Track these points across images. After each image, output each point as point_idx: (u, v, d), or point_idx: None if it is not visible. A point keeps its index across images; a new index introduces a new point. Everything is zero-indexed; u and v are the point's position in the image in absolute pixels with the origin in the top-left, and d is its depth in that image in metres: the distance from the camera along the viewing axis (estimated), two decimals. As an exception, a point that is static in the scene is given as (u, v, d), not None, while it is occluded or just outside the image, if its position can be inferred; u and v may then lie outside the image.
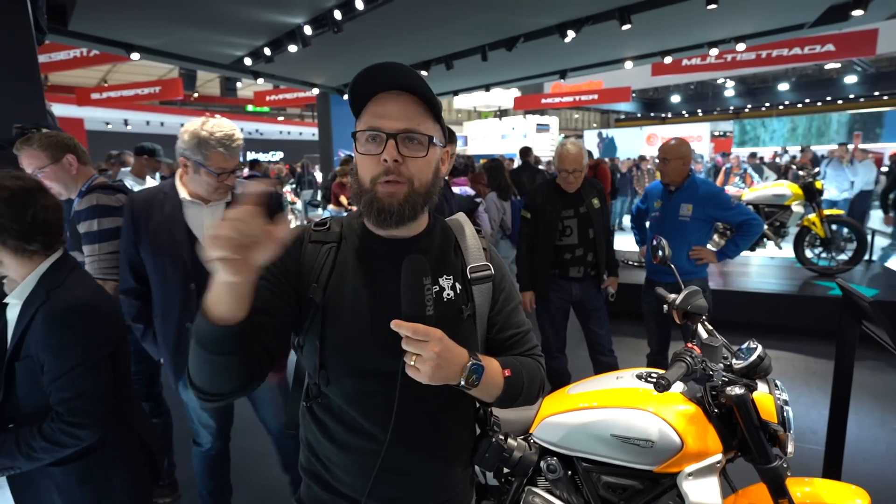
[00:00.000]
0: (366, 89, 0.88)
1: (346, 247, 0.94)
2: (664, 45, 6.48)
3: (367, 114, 0.88)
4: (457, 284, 0.95)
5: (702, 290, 2.83)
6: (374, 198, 0.86)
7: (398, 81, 0.86)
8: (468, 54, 6.49)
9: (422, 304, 0.78)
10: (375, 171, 0.86)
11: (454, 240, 1.00)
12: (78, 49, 7.09)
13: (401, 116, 0.86)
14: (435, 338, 0.78)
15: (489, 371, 0.87)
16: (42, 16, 2.72)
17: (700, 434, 1.38)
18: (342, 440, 0.93)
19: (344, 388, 0.91)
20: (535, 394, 0.99)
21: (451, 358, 0.81)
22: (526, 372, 0.97)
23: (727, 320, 4.39)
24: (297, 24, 5.19)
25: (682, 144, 2.84)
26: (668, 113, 29.94)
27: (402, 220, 0.88)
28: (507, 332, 1.01)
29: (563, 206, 2.85)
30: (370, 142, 0.86)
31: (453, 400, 0.94)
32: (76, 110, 12.27)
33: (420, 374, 0.78)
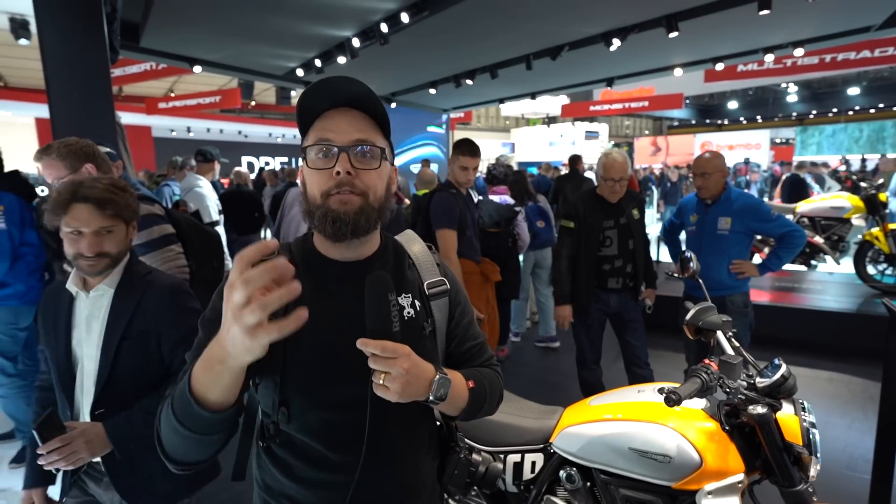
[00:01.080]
0: (314, 106, 0.86)
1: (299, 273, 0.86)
2: (715, 52, 6.27)
3: (316, 129, 0.86)
4: (416, 302, 0.94)
5: (743, 305, 2.80)
6: (327, 210, 0.83)
7: (347, 97, 0.85)
8: (512, 63, 6.51)
9: (388, 320, 0.76)
10: (327, 185, 0.83)
11: (407, 257, 0.99)
12: (148, 63, 7.66)
13: (351, 130, 0.84)
14: (403, 354, 0.76)
15: (455, 384, 0.87)
16: (116, 38, 2.99)
17: (720, 452, 1.37)
18: (307, 477, 0.88)
19: (308, 421, 0.86)
20: (496, 403, 1.01)
21: (419, 374, 0.79)
22: (487, 382, 0.98)
23: (779, 337, 4.23)
24: (346, 36, 5.40)
25: (718, 157, 2.79)
26: (724, 119, 28.70)
27: (357, 231, 0.85)
28: (465, 344, 1.02)
29: (604, 216, 2.82)
30: (320, 156, 0.84)
31: (421, 419, 0.95)
32: (145, 119, 13.18)
33: (389, 393, 0.76)
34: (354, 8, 4.58)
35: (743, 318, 2.83)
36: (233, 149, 19.06)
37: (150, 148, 14.41)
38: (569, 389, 3.62)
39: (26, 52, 8.97)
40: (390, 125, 0.90)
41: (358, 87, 0.83)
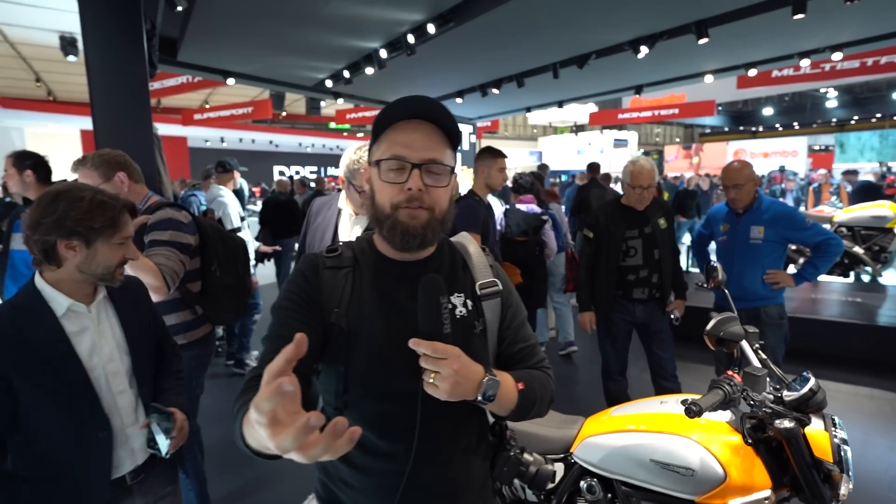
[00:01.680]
0: (391, 117, 0.90)
1: (361, 271, 0.96)
2: (747, 58, 6.12)
3: (388, 141, 0.89)
4: (468, 301, 0.97)
5: (778, 317, 2.71)
6: (396, 222, 0.88)
7: (422, 111, 0.89)
8: (539, 72, 6.50)
9: (439, 322, 0.80)
10: (397, 198, 0.88)
11: (462, 258, 1.02)
12: (184, 76, 7.96)
13: (424, 146, 0.88)
14: (453, 355, 0.79)
15: (504, 385, 0.88)
16: (154, 53, 3.13)
17: (746, 467, 1.33)
18: (362, 464, 0.93)
19: (364, 410, 0.91)
20: (546, 406, 1.01)
21: (468, 374, 0.82)
22: (537, 384, 0.98)
23: (816, 351, 4.08)
24: (373, 48, 5.50)
25: (747, 165, 2.73)
26: (759, 126, 27.90)
27: (425, 243, 0.90)
28: (516, 345, 1.02)
29: (628, 226, 2.80)
30: (393, 170, 0.88)
31: (470, 416, 0.97)
32: (181, 129, 13.68)
33: (439, 392, 0.80)
34: (382, 20, 4.67)
35: (778, 329, 2.75)
36: (264, 158, 19.57)
37: (185, 157, 14.93)
38: (590, 399, 3.57)
39: (73, 69, 9.43)
40: (461, 139, 0.95)
41: (433, 104, 0.89)
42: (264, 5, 4.16)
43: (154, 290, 1.79)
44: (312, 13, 4.35)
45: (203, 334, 2.17)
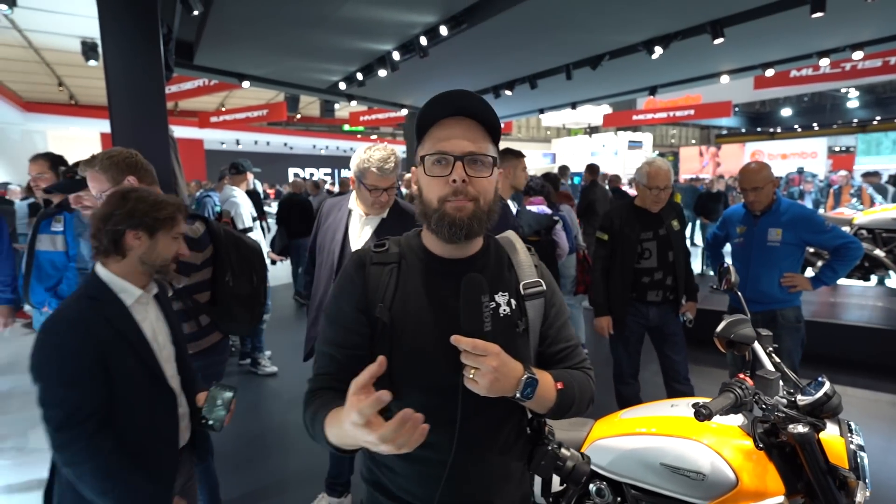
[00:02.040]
0: (432, 115, 0.94)
1: (406, 266, 0.99)
2: (764, 58, 6.03)
3: (432, 138, 0.94)
4: (512, 300, 0.99)
5: (795, 320, 2.67)
6: (443, 214, 0.91)
7: (462, 107, 0.93)
8: (552, 73, 6.48)
9: (480, 320, 0.82)
10: (443, 192, 0.91)
11: (507, 257, 1.04)
12: (201, 80, 8.09)
13: (465, 140, 0.91)
14: (493, 353, 0.82)
15: (543, 384, 0.90)
16: (171, 57, 3.18)
17: (758, 472, 1.31)
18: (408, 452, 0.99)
19: (408, 402, 0.91)
20: (586, 405, 1.02)
21: (508, 372, 0.84)
22: (577, 384, 0.99)
23: (835, 356, 3.99)
24: (386, 50, 5.53)
25: (766, 167, 2.70)
26: (777, 127, 27.43)
27: (471, 234, 0.93)
28: (557, 345, 1.04)
29: (643, 227, 2.77)
30: (437, 164, 0.92)
31: (511, 412, 0.99)
32: (197, 132, 13.89)
33: (478, 387, 0.82)
34: (394, 22, 4.69)
35: (795, 333, 2.70)
36: (279, 160, 19.78)
37: (201, 159, 15.15)
38: (600, 401, 3.53)
39: (94, 73, 9.63)
40: (501, 133, 0.98)
41: (472, 99, 0.92)
42: (278, 9, 4.22)
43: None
44: (326, 16, 4.39)
45: (211, 343, 2.07)
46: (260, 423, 3.59)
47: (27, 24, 8.54)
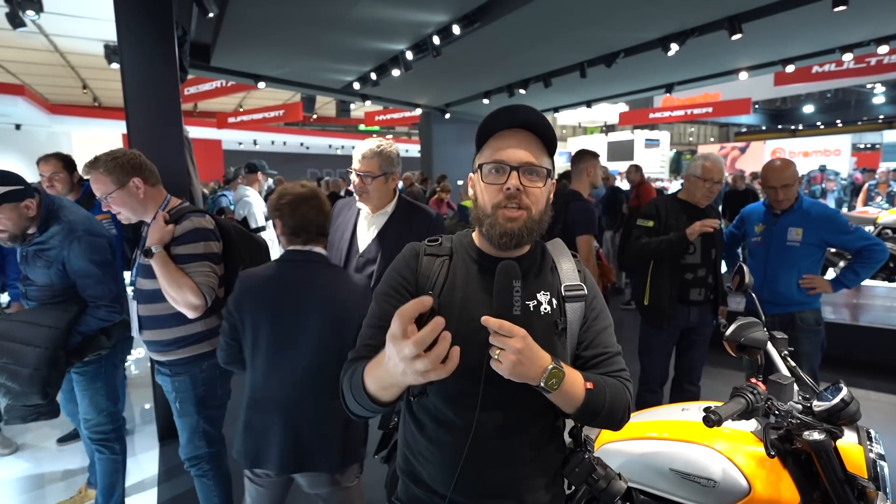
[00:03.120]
0: (492, 125, 0.99)
1: (457, 260, 1.05)
2: (785, 53, 5.89)
3: (491, 148, 0.99)
4: (553, 300, 1.03)
5: (815, 322, 2.59)
6: (495, 222, 0.96)
7: (521, 120, 0.98)
8: (566, 71, 6.43)
9: (509, 303, 0.84)
10: (497, 199, 0.96)
11: (552, 261, 1.08)
12: (218, 81, 8.19)
13: (522, 150, 0.96)
14: (518, 335, 0.83)
15: (569, 378, 0.91)
16: (186, 58, 3.23)
17: (772, 480, 1.27)
18: (437, 438, 1.01)
19: (444, 386, 0.96)
20: (619, 416, 0.99)
21: (533, 357, 0.85)
22: (609, 390, 0.98)
23: (857, 359, 3.88)
24: (399, 50, 5.54)
25: (791, 164, 2.60)
26: (798, 124, 26.80)
27: (521, 243, 0.98)
28: (594, 349, 1.04)
29: (689, 221, 2.61)
30: (494, 173, 0.97)
31: (545, 410, 1.00)
32: (216, 132, 14.07)
33: (501, 368, 0.84)
34: (407, 22, 4.69)
35: (814, 336, 2.62)
36: (295, 160, 19.96)
37: (220, 159, 15.36)
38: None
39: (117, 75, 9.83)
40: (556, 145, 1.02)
41: (531, 113, 0.97)
42: (292, 10, 4.25)
43: (194, 308, 1.80)
44: (339, 16, 4.41)
45: None
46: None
47: (53, 28, 8.74)
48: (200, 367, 1.96)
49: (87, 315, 2.03)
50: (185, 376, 1.95)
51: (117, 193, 1.82)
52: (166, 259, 1.79)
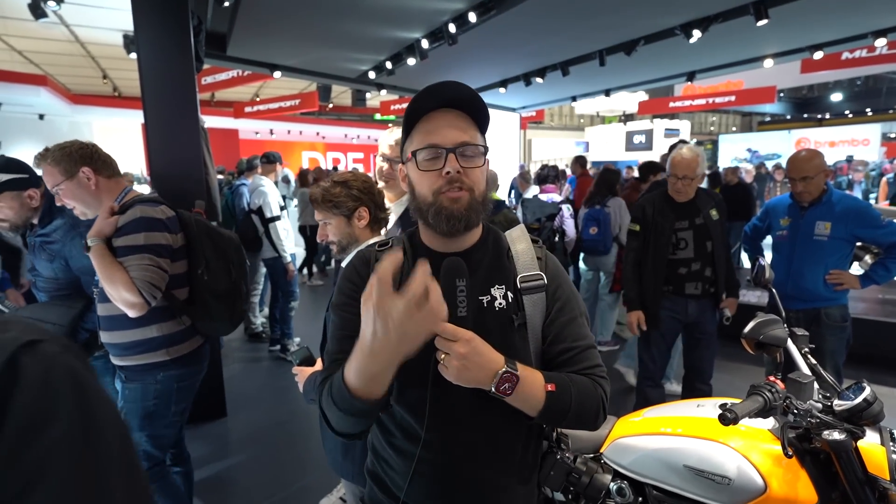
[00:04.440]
0: (418, 109, 0.93)
1: (407, 263, 0.99)
2: (813, 39, 5.68)
3: (420, 132, 0.93)
4: (509, 294, 0.96)
5: (841, 319, 2.52)
6: (440, 207, 0.91)
7: (447, 99, 0.92)
8: (584, 60, 6.30)
9: (453, 304, 0.80)
10: (437, 184, 0.91)
11: (506, 249, 1.01)
12: (235, 70, 8.23)
13: (454, 132, 0.91)
14: (462, 338, 0.80)
15: (526, 381, 0.85)
16: (201, 48, 3.24)
17: (789, 479, 1.24)
18: (402, 447, 0.97)
19: (407, 398, 0.94)
20: (591, 416, 0.93)
21: (481, 361, 0.81)
22: (576, 390, 0.91)
23: (885, 356, 3.77)
24: (415, 38, 5.49)
25: (817, 155, 2.52)
26: (825, 113, 25.99)
27: (470, 224, 0.92)
28: (561, 344, 0.97)
29: (677, 217, 2.64)
30: (429, 159, 0.91)
31: (507, 411, 0.92)
32: (233, 122, 14.18)
33: (447, 374, 0.81)
34: (423, 9, 4.64)
35: (840, 333, 2.56)
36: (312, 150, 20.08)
37: (237, 149, 15.49)
38: (621, 398, 3.46)
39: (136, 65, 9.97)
40: (488, 124, 0.97)
41: (457, 89, 0.91)
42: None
43: (131, 307, 1.64)
44: (355, 5, 4.37)
45: (190, 350, 1.90)
46: (287, 409, 3.67)
47: (74, 19, 8.87)
48: (155, 378, 1.81)
49: (93, 312, 1.96)
50: (137, 385, 1.80)
51: (66, 185, 1.71)
52: (103, 252, 1.65)
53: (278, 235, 4.37)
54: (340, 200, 1.54)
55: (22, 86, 9.31)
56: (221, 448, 3.17)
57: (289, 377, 4.30)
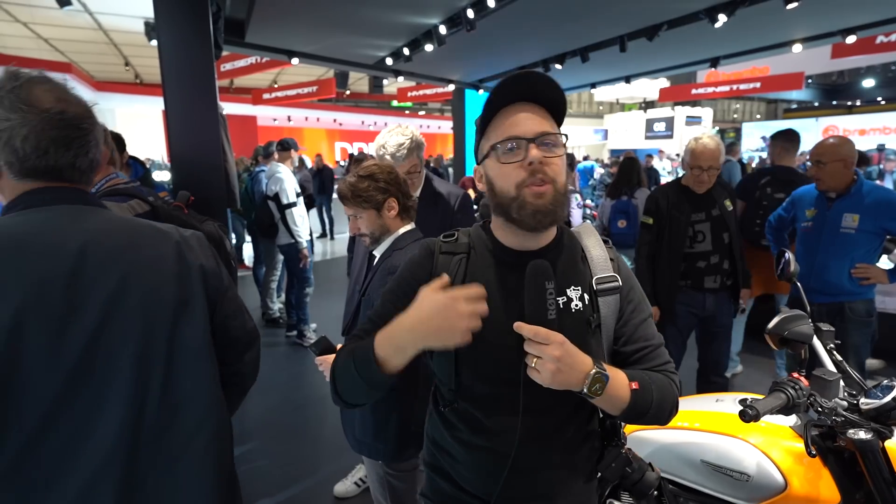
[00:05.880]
0: (497, 100, 0.92)
1: (475, 257, 0.99)
2: (846, 22, 5.45)
3: (498, 127, 0.92)
4: (585, 295, 0.96)
5: (866, 314, 2.46)
6: (524, 202, 0.89)
7: (521, 93, 0.91)
8: (605, 45, 6.16)
9: (543, 307, 0.80)
10: (520, 177, 0.89)
11: (581, 250, 1.01)
12: (253, 57, 8.25)
13: (533, 123, 0.90)
14: (556, 341, 0.80)
15: (614, 381, 0.86)
16: (220, 35, 3.25)
17: (810, 477, 1.22)
18: (470, 441, 0.97)
19: (474, 392, 0.95)
20: (667, 413, 0.95)
21: (573, 364, 0.81)
22: (656, 388, 0.92)
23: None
24: (432, 24, 5.42)
25: (843, 144, 2.43)
26: (855, 100, 25.10)
27: (556, 219, 0.91)
28: (634, 344, 0.98)
29: (693, 209, 2.60)
30: (509, 152, 0.90)
31: (580, 409, 0.97)
32: (251, 108, 14.25)
33: (540, 377, 0.81)
34: (441, -5, 4.58)
35: (864, 328, 2.49)
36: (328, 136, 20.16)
37: (255, 135, 15.61)
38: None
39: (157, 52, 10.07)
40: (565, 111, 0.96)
41: (532, 80, 0.90)
42: (325, -16, 4.19)
43: None
44: (372, -10, 4.34)
45: None
46: (303, 394, 3.73)
47: (97, 6, 8.97)
48: None
49: None
50: None
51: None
52: None
53: (294, 221, 4.43)
54: (369, 194, 1.56)
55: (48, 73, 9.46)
56: (238, 432, 3.24)
57: (305, 363, 4.37)
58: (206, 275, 1.03)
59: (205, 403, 0.98)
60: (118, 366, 0.89)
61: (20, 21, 10.08)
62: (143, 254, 0.95)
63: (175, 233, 1.04)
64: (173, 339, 0.95)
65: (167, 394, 0.93)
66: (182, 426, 0.95)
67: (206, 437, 0.98)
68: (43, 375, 0.83)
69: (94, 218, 0.95)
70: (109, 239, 0.93)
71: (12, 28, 10.43)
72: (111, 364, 0.88)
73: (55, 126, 0.91)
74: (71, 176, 0.95)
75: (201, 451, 0.97)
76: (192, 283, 1.00)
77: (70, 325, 0.85)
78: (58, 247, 0.87)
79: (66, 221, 0.91)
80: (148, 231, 1.00)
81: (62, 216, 0.91)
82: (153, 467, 0.91)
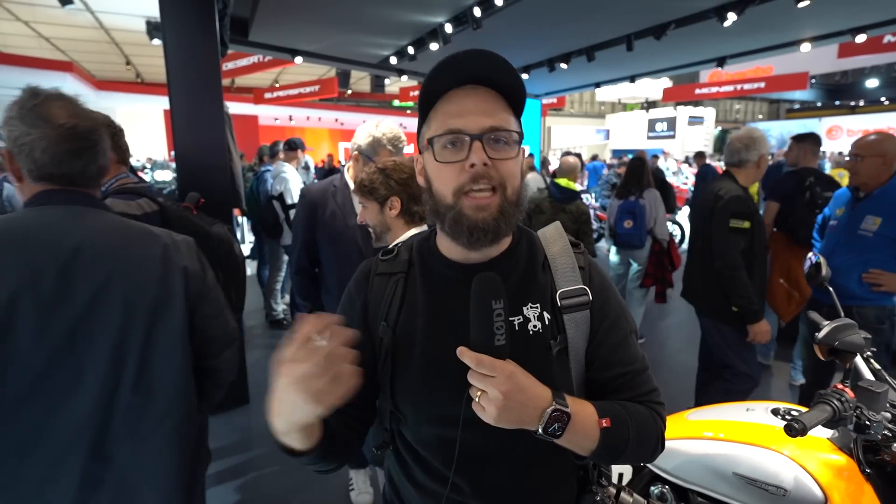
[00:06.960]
0: (438, 86, 0.76)
1: (414, 276, 0.84)
2: (856, 21, 5.40)
3: (439, 114, 0.76)
4: (545, 314, 0.79)
5: (876, 321, 2.37)
6: (460, 215, 0.74)
7: (474, 73, 0.74)
8: (611, 44, 6.11)
9: (489, 330, 0.65)
10: (459, 181, 0.74)
11: (543, 258, 0.84)
12: (255, 56, 8.21)
13: (481, 113, 0.73)
14: (503, 374, 0.65)
15: (578, 419, 0.72)
16: (226, 33, 3.20)
17: (852, 493, 1.16)
18: (420, 481, 0.84)
19: (420, 433, 0.83)
20: (650, 451, 0.81)
21: (525, 400, 0.67)
22: (634, 423, 0.78)
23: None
24: (438, 22, 5.37)
25: (885, 140, 2.32)
26: (859, 100, 25.01)
27: (498, 236, 0.76)
28: (610, 370, 0.82)
29: None
30: (449, 147, 0.74)
31: (546, 448, 0.76)
32: (252, 108, 14.22)
33: (485, 414, 0.67)
34: (448, -7, 4.53)
35: (875, 336, 2.41)
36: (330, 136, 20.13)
37: (256, 135, 15.57)
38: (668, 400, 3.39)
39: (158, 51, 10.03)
40: (525, 100, 0.79)
41: (487, 61, 0.73)
42: (331, -19, 4.15)
43: None
44: (378, -12, 4.29)
45: None
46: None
47: (98, 5, 8.93)
48: None
49: None
50: None
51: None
52: None
53: None
54: (375, 187, 1.54)
55: (49, 72, 9.42)
56: (244, 434, 3.18)
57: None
58: (188, 276, 1.15)
59: (176, 390, 1.10)
60: (97, 350, 1.01)
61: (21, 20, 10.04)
62: (133, 253, 1.08)
63: (166, 236, 1.17)
64: (151, 331, 1.07)
65: (142, 378, 1.05)
66: (154, 408, 1.07)
67: (174, 420, 1.10)
68: (29, 351, 0.95)
69: (94, 218, 1.08)
70: (104, 238, 1.06)
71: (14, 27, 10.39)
72: (91, 348, 1.01)
73: (68, 139, 1.04)
74: (81, 181, 1.09)
75: (169, 432, 1.08)
76: (174, 283, 1.12)
77: (58, 309, 0.98)
78: (56, 241, 1.01)
79: (68, 220, 1.04)
80: (140, 233, 1.13)
81: (65, 215, 1.05)
82: (122, 444, 1.03)
